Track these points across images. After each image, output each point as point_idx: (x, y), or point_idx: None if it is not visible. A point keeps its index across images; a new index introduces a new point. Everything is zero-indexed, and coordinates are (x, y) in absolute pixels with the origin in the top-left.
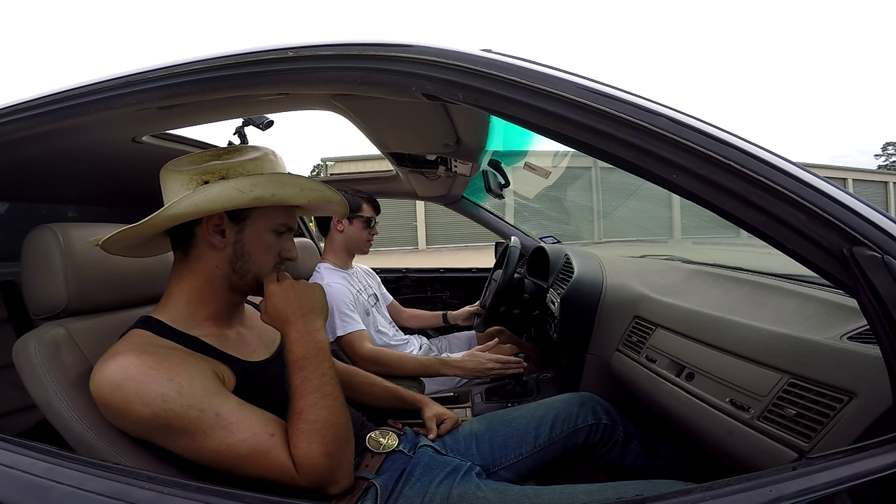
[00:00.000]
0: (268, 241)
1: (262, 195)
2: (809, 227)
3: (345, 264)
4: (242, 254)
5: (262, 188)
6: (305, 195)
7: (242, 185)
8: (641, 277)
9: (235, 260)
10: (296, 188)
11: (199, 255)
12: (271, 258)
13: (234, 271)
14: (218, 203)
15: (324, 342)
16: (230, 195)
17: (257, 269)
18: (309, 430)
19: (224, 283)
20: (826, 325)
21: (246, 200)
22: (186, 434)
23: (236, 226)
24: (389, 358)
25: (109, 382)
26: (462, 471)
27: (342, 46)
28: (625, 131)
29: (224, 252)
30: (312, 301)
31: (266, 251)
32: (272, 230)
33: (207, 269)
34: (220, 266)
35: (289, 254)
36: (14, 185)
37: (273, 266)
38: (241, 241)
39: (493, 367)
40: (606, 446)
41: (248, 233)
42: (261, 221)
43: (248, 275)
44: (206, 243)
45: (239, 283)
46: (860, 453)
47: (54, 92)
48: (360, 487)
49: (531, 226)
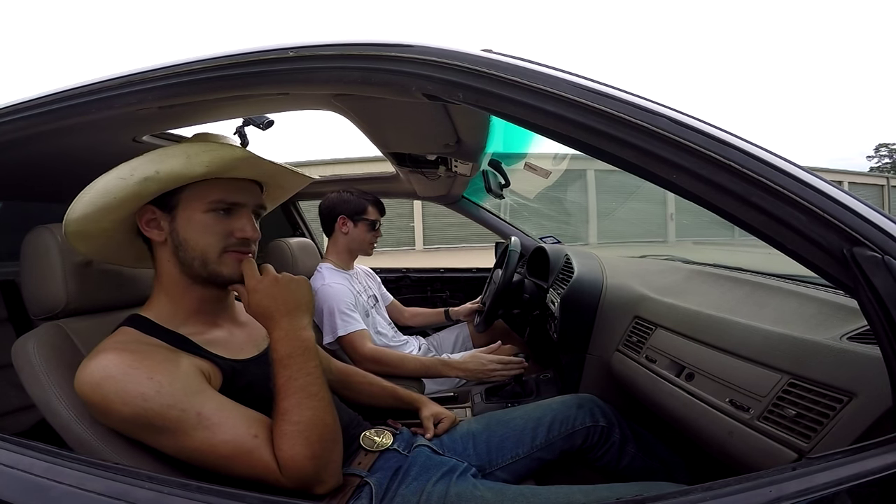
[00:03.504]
0: (203, 221)
1: (146, 175)
2: (809, 228)
3: (346, 265)
4: (180, 242)
5: (141, 169)
6: (195, 163)
7: (123, 171)
8: (641, 277)
9: (177, 250)
10: (181, 158)
11: (157, 255)
12: (214, 239)
13: (181, 262)
14: (111, 195)
15: (309, 341)
16: (115, 185)
17: (201, 255)
18: (293, 432)
19: (183, 278)
20: (826, 326)
21: (132, 185)
22: (168, 433)
23: (168, 215)
24: (391, 358)
25: (90, 381)
26: (459, 470)
27: (343, 46)
28: (625, 131)
29: (167, 245)
30: (298, 297)
31: (203, 233)
32: (208, 210)
33: (165, 267)
34: (170, 260)
35: (242, 232)
36: (14, 184)
37: (226, 248)
38: (174, 228)
39: (495, 369)
40: (603, 448)
41: (181, 219)
42: (191, 203)
43: (193, 262)
44: (154, 242)
45: (194, 274)
46: (860, 453)
47: (54, 92)
48: (353, 485)
49: (530, 226)
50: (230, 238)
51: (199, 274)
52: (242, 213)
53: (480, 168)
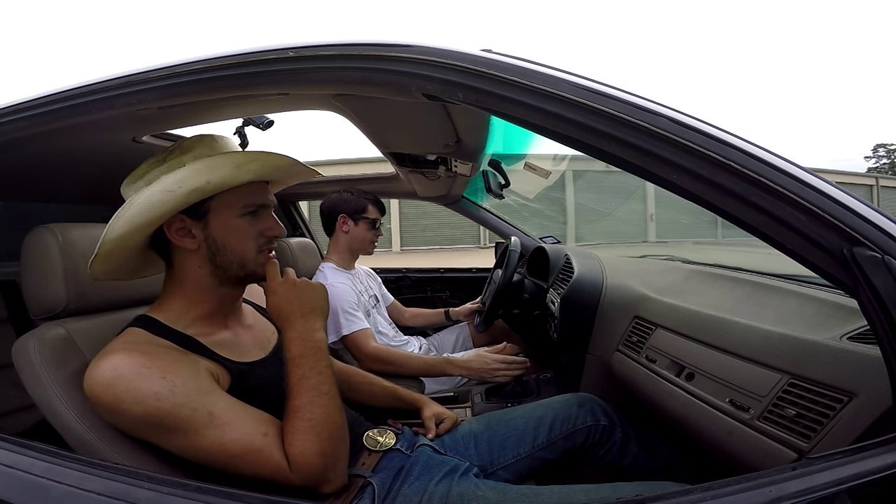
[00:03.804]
0: (239, 226)
1: (196, 186)
2: (809, 228)
3: (348, 265)
4: (218, 248)
5: (191, 180)
6: (244, 171)
7: (167, 184)
8: (641, 277)
9: (214, 256)
10: (230, 167)
11: (181, 261)
12: (251, 242)
13: (218, 266)
14: (154, 210)
15: (322, 342)
16: (161, 199)
17: (240, 258)
18: (304, 428)
19: (213, 281)
20: (826, 326)
21: (181, 198)
22: (179, 433)
23: (200, 222)
24: (394, 357)
25: (101, 381)
26: (461, 470)
27: (343, 46)
28: (625, 131)
29: (200, 252)
30: (314, 301)
31: (242, 237)
32: (240, 214)
33: (192, 272)
34: (202, 266)
35: (272, 231)
36: (14, 184)
37: (260, 248)
38: (210, 235)
39: (498, 368)
40: (605, 447)
41: (215, 225)
42: (223, 209)
43: (232, 265)
44: (181, 248)
45: (227, 276)
46: (860, 453)
47: (54, 92)
48: (357, 485)
49: (532, 226)
50: (261, 238)
51: (235, 276)
52: (268, 212)
53: (480, 168)
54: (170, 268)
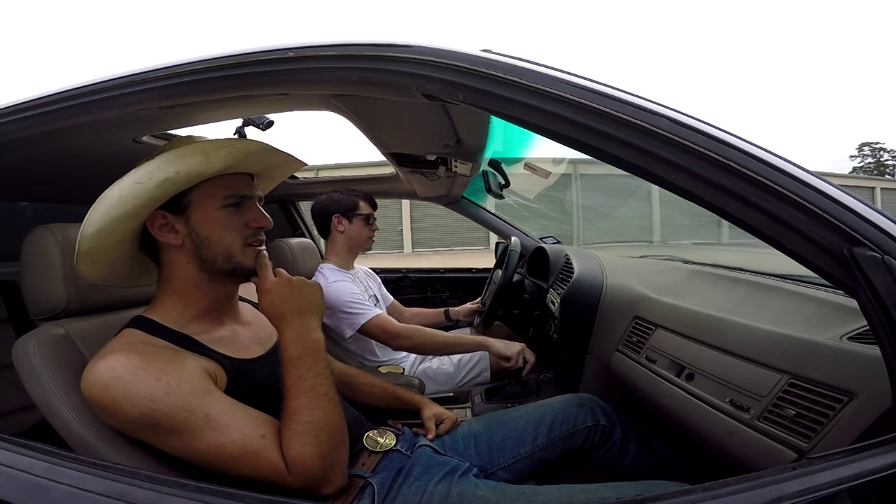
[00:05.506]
0: (220, 217)
1: (166, 176)
2: (809, 228)
3: (347, 265)
4: (201, 241)
5: (161, 170)
6: (213, 158)
7: (138, 176)
8: (641, 277)
9: (198, 250)
10: (199, 156)
11: (168, 258)
12: (235, 233)
13: (204, 261)
14: (128, 203)
15: (319, 342)
16: (133, 191)
17: (225, 250)
18: (302, 431)
19: (202, 277)
20: (826, 326)
21: (152, 189)
22: (176, 434)
23: (181, 217)
24: (423, 333)
25: (98, 383)
26: (460, 470)
27: (342, 46)
28: (624, 131)
29: (185, 247)
30: (310, 300)
31: (224, 228)
32: (221, 206)
33: (180, 269)
34: (189, 262)
35: (256, 222)
36: (15, 184)
37: (246, 240)
38: (193, 229)
39: (518, 362)
40: (604, 448)
41: (196, 218)
42: (204, 201)
43: (217, 259)
44: (167, 246)
45: (215, 270)
46: (860, 453)
47: (55, 92)
48: (357, 486)
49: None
50: (246, 230)
51: (221, 269)
52: (252, 204)
53: (480, 168)
54: (160, 267)
